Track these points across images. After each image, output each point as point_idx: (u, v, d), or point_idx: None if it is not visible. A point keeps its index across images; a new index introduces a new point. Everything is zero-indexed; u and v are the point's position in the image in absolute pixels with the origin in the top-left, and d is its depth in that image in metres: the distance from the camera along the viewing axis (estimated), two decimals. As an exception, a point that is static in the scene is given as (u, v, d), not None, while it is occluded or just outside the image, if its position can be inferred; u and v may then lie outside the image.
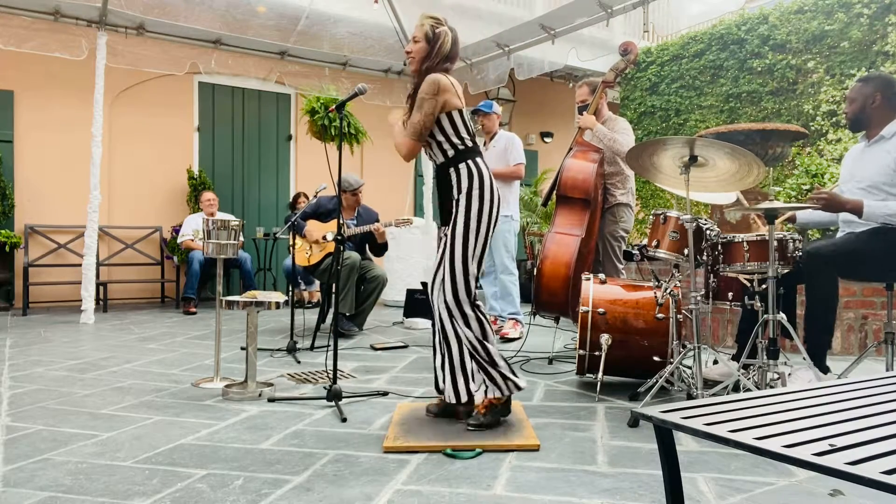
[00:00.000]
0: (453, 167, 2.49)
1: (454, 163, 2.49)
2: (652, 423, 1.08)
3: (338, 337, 2.91)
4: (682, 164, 2.67)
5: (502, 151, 4.89)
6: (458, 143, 2.50)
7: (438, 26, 2.55)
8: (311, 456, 2.18)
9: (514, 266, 4.95)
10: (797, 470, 2.02)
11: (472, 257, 2.44)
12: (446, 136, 2.50)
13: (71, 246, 6.81)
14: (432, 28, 2.54)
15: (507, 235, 4.87)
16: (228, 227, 3.29)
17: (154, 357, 3.99)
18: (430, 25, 2.55)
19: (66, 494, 1.84)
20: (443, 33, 2.54)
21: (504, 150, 4.90)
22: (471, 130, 2.55)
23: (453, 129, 2.50)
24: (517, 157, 4.88)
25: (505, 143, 4.92)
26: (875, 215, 2.76)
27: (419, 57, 2.56)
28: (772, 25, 5.84)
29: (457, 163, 2.49)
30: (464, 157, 2.49)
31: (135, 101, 7.24)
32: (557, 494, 1.85)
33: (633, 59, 4.16)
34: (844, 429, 1.00)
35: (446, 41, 2.55)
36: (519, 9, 7.57)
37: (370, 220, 5.08)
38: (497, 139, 4.98)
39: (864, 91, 2.98)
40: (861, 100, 2.98)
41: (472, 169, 2.48)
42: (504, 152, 4.89)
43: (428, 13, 2.60)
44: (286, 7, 6.50)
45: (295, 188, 8.23)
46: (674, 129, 6.66)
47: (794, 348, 3.52)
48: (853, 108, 3.02)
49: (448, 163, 2.51)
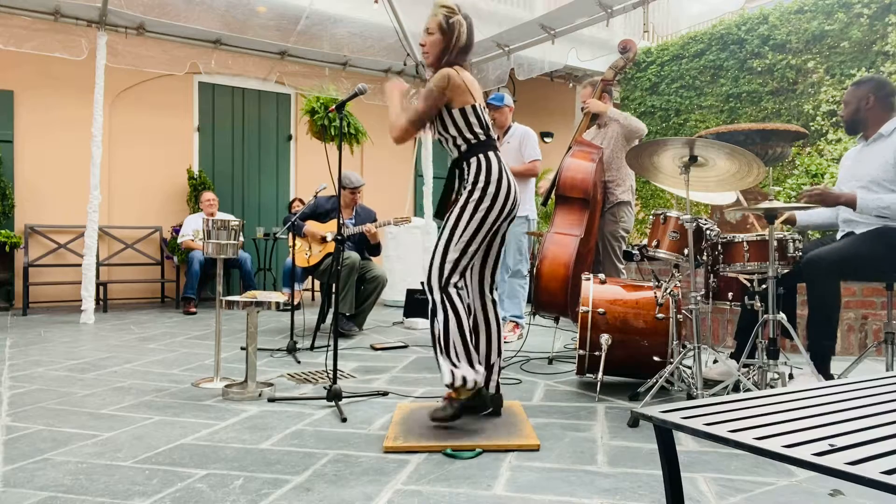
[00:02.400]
0: (465, 161, 2.47)
1: (466, 157, 2.47)
2: (652, 423, 1.08)
3: (338, 337, 2.91)
4: (682, 164, 2.67)
5: (517, 147, 4.71)
6: (472, 137, 2.47)
7: (452, 16, 2.47)
8: (311, 456, 2.18)
9: (526, 269, 4.76)
10: (797, 470, 2.02)
11: (454, 244, 2.39)
12: (459, 131, 2.47)
13: (71, 246, 6.81)
14: (446, 18, 2.46)
15: (522, 238, 4.69)
16: (228, 227, 3.29)
17: (154, 357, 3.99)
18: (444, 15, 2.46)
19: (66, 494, 1.84)
20: (457, 24, 2.46)
21: (518, 146, 4.70)
22: (485, 124, 2.49)
23: (466, 125, 2.46)
24: (532, 154, 4.69)
25: (519, 138, 4.73)
26: (869, 208, 2.77)
27: (435, 50, 2.49)
28: (772, 25, 5.84)
29: (468, 157, 2.47)
30: (475, 151, 2.46)
31: (135, 101, 7.25)
32: (557, 494, 1.85)
33: (633, 56, 4.15)
34: (844, 429, 1.00)
35: (462, 32, 2.47)
36: (519, 9, 7.57)
37: (368, 219, 5.07)
38: (511, 134, 4.77)
39: (858, 94, 3.01)
40: (855, 102, 3.01)
41: (482, 161, 2.44)
42: (519, 148, 4.70)
43: (441, 1, 2.51)
44: (286, 7, 6.50)
45: (295, 188, 8.23)
46: (674, 129, 6.66)
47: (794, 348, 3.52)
48: (848, 111, 3.05)
49: (461, 157, 2.49)
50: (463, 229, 2.40)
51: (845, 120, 3.10)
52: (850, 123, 3.07)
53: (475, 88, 2.49)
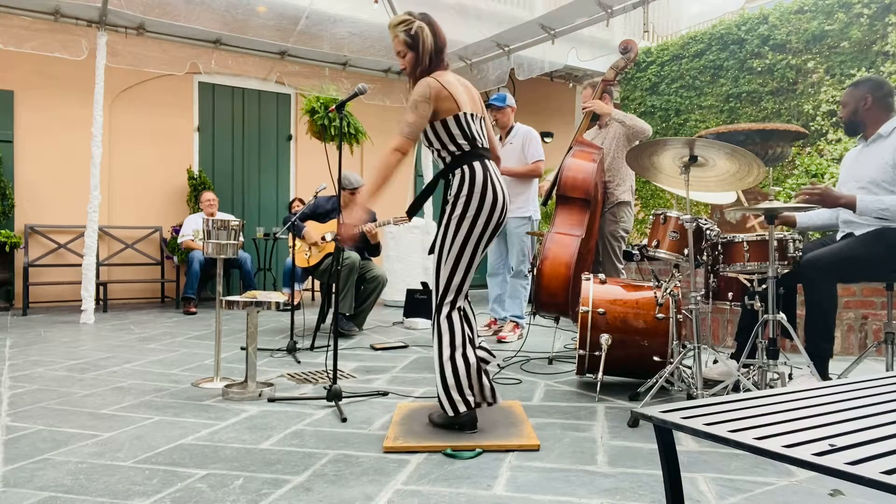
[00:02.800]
0: (451, 172, 2.44)
1: (452, 168, 2.43)
2: (652, 423, 1.08)
3: (338, 337, 2.91)
4: (682, 164, 2.68)
5: (519, 148, 4.69)
6: (455, 150, 2.40)
7: (411, 26, 2.41)
8: (311, 456, 2.18)
9: (528, 269, 4.73)
10: (797, 470, 2.02)
11: (444, 261, 2.35)
12: (442, 144, 2.41)
13: (71, 246, 6.81)
14: (406, 32, 2.41)
15: (525, 238, 4.66)
16: (228, 227, 3.29)
17: (154, 357, 3.99)
18: (403, 31, 2.41)
19: (66, 494, 1.84)
20: (419, 31, 2.40)
21: (521, 147, 4.69)
22: (471, 134, 2.40)
23: (449, 138, 2.39)
24: (535, 154, 4.67)
25: (522, 138, 4.70)
26: (869, 210, 2.77)
27: (411, 67, 2.45)
28: (772, 25, 5.84)
29: (453, 168, 2.42)
30: (459, 163, 2.39)
31: (135, 101, 7.24)
32: (557, 494, 1.85)
33: (634, 57, 4.15)
34: (844, 429, 1.00)
35: (426, 36, 2.41)
36: (519, 9, 7.57)
37: (368, 219, 5.07)
38: (513, 135, 4.75)
39: (856, 94, 3.00)
40: (853, 103, 3.01)
41: (466, 172, 2.37)
42: (521, 149, 4.69)
43: (394, 19, 2.46)
44: (286, 7, 6.50)
45: (295, 188, 8.23)
46: (674, 129, 6.66)
47: (794, 348, 3.52)
48: (846, 112, 3.05)
49: (447, 168, 2.46)
50: (451, 244, 2.35)
51: (844, 121, 3.10)
52: (849, 124, 3.07)
53: (458, 93, 2.40)
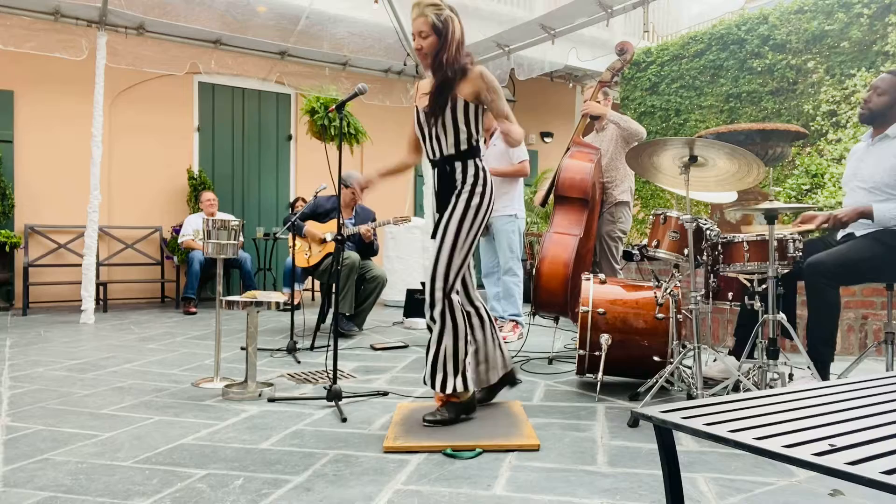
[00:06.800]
0: (461, 161, 2.46)
1: (465, 157, 2.46)
2: (652, 423, 1.08)
3: (338, 337, 2.91)
4: (682, 164, 2.67)
5: (503, 150, 4.72)
6: (474, 140, 2.48)
7: (442, 12, 2.41)
8: (311, 456, 2.18)
9: (518, 267, 4.78)
10: (797, 470, 2.02)
11: (459, 248, 2.41)
12: (470, 131, 2.46)
13: (71, 246, 6.81)
14: (437, 16, 2.39)
15: (512, 236, 4.71)
16: (228, 227, 3.29)
17: (154, 357, 3.99)
18: (435, 14, 2.39)
19: (66, 494, 1.84)
20: (448, 19, 2.41)
21: (506, 148, 4.67)
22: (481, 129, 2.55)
23: (476, 126, 2.48)
24: (521, 155, 4.70)
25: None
26: (886, 218, 2.73)
27: (433, 51, 2.41)
28: (772, 25, 5.84)
29: (466, 158, 2.46)
30: (473, 154, 2.49)
31: (135, 101, 7.24)
32: (557, 494, 1.85)
33: (630, 58, 4.17)
34: (844, 429, 1.00)
35: (456, 27, 2.41)
36: (519, 9, 7.57)
37: (367, 219, 5.08)
38: (497, 137, 4.79)
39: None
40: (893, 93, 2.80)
41: (479, 166, 2.49)
42: (506, 150, 4.70)
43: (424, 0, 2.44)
44: (286, 7, 6.50)
45: (295, 188, 8.23)
46: (674, 129, 6.66)
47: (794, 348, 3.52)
48: (881, 101, 2.82)
49: (457, 156, 2.46)
50: (467, 233, 2.42)
51: (871, 108, 2.86)
52: (875, 115, 2.85)
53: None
